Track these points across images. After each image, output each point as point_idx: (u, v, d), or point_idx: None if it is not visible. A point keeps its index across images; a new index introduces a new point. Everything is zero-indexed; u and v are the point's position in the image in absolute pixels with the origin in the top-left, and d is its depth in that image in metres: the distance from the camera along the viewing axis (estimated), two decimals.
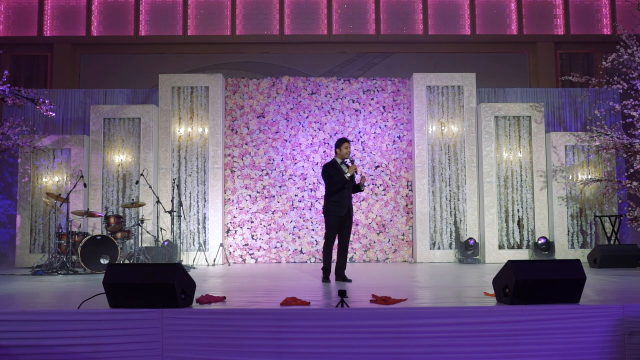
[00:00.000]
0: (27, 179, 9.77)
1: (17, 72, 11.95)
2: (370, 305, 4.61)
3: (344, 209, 6.49)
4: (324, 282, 6.53)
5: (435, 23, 12.30)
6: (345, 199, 6.50)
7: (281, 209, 10.11)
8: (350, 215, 6.59)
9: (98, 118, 9.90)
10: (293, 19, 12.24)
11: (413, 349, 4.22)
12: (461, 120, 10.01)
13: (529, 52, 12.40)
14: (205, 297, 4.86)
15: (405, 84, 10.47)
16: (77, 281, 6.95)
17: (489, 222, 9.64)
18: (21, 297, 5.55)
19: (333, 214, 6.51)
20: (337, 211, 6.48)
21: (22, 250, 9.61)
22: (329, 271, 6.64)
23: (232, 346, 4.22)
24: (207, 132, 9.98)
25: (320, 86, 10.43)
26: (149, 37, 12.21)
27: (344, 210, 6.49)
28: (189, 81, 10.13)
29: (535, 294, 4.44)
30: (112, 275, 4.42)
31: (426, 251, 9.71)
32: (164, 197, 9.58)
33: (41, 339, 4.19)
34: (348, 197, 6.54)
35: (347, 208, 6.52)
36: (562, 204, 9.67)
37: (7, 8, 12.17)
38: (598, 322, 4.34)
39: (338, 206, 6.48)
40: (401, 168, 10.25)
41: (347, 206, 6.51)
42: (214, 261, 9.52)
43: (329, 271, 6.64)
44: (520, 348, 4.26)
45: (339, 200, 6.48)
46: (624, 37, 9.17)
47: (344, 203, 6.48)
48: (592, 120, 10.21)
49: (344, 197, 6.50)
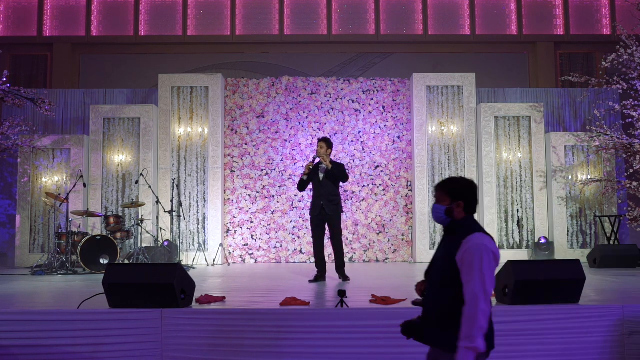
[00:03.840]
0: (26, 179, 9.76)
1: (17, 72, 11.94)
2: (370, 305, 4.61)
3: (316, 209, 6.62)
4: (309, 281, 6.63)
5: (435, 23, 12.30)
6: (316, 199, 6.64)
7: (281, 209, 10.11)
8: (329, 215, 6.57)
9: (98, 118, 9.89)
10: (293, 19, 12.24)
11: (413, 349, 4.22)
12: (461, 120, 10.01)
13: (528, 52, 12.40)
14: (205, 297, 4.86)
15: (405, 84, 10.47)
16: (77, 281, 6.95)
17: (488, 222, 9.64)
18: (21, 297, 5.55)
19: (310, 214, 6.75)
20: (311, 211, 6.71)
21: (22, 250, 9.60)
22: (318, 271, 6.67)
23: (231, 346, 4.22)
24: (206, 132, 9.97)
25: (320, 86, 10.43)
26: (149, 37, 12.20)
27: (317, 211, 6.61)
28: (188, 81, 10.13)
29: (535, 294, 4.44)
30: (112, 275, 4.42)
31: (426, 251, 9.71)
32: (163, 197, 9.58)
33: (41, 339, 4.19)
34: (320, 197, 6.59)
35: (320, 208, 6.57)
36: (562, 204, 9.67)
37: (6, 8, 12.16)
38: (598, 322, 4.34)
39: (312, 206, 6.71)
40: (401, 168, 10.24)
41: (319, 207, 6.59)
42: (214, 261, 9.51)
43: (318, 271, 6.67)
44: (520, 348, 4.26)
45: (313, 201, 6.72)
46: (623, 37, 9.17)
47: (315, 203, 6.65)
48: (592, 120, 10.21)
49: (316, 197, 6.66)
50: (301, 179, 6.74)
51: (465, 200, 2.68)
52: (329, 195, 6.58)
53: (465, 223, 2.67)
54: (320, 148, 6.63)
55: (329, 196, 6.58)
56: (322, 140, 6.69)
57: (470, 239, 2.57)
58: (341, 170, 6.68)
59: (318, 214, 6.60)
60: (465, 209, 2.69)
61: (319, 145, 6.65)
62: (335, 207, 6.60)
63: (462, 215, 2.70)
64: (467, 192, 2.71)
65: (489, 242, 2.57)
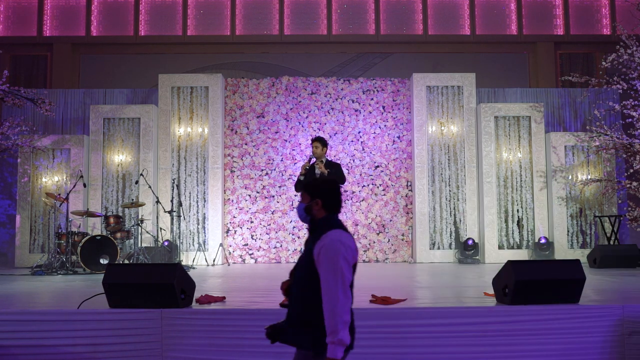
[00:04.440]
0: (26, 179, 9.76)
1: (17, 72, 11.94)
2: (370, 306, 4.61)
3: None
4: None
5: (435, 23, 12.30)
6: None
7: (281, 209, 10.11)
8: None
9: (98, 118, 9.89)
10: (293, 19, 12.24)
11: (413, 349, 4.22)
12: (461, 120, 10.01)
13: (528, 52, 12.40)
14: (204, 297, 4.85)
15: (405, 84, 10.47)
16: (77, 281, 6.95)
17: (488, 222, 9.64)
18: (21, 297, 5.55)
19: None
20: None
21: (22, 250, 9.60)
22: None
23: (231, 346, 4.22)
24: (206, 132, 9.97)
25: (320, 86, 10.43)
26: (149, 37, 12.20)
27: None
28: (188, 81, 10.13)
29: (535, 294, 4.44)
30: (112, 275, 4.42)
31: (426, 251, 9.71)
32: (163, 197, 9.58)
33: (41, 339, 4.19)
34: None
35: None
36: (562, 204, 9.67)
37: (6, 8, 12.16)
38: (598, 322, 4.34)
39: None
40: (401, 168, 10.24)
41: None
42: (214, 261, 9.51)
43: None
44: (520, 348, 4.26)
45: None
46: (623, 37, 9.17)
47: None
48: (592, 120, 10.21)
49: None
50: (298, 180, 6.70)
51: (323, 198, 2.73)
52: None
53: (325, 221, 2.71)
54: (315, 148, 6.54)
55: None
56: (316, 140, 6.59)
57: (326, 235, 2.61)
58: (338, 172, 6.58)
59: None
60: (325, 208, 2.74)
61: (314, 146, 6.56)
62: None
63: (322, 214, 2.74)
64: (324, 190, 2.76)
65: (345, 237, 2.61)
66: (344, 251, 2.55)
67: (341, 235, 2.60)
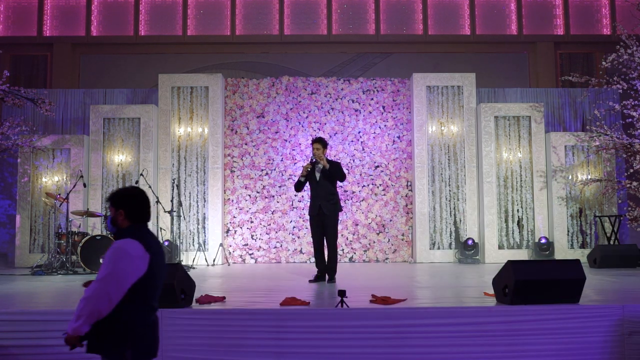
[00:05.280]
0: (26, 179, 9.76)
1: (17, 72, 11.94)
2: (370, 305, 4.61)
3: (314, 209, 6.65)
4: (309, 281, 6.63)
5: (435, 23, 12.30)
6: (314, 199, 6.67)
7: (281, 209, 10.11)
8: (326, 215, 6.57)
9: (98, 118, 9.89)
10: (293, 19, 12.24)
11: (413, 349, 4.22)
12: (461, 120, 10.01)
13: (528, 52, 12.40)
14: (205, 297, 4.86)
15: (405, 84, 10.47)
16: (77, 281, 6.94)
17: (488, 222, 9.64)
18: (21, 297, 5.55)
19: (309, 214, 6.81)
20: (310, 211, 6.75)
21: (22, 250, 9.60)
22: (318, 271, 6.67)
23: (231, 346, 4.22)
24: (206, 132, 9.97)
25: (320, 86, 10.43)
26: (149, 37, 12.20)
27: (315, 210, 6.63)
28: (188, 81, 10.13)
29: (535, 294, 4.44)
30: None
31: (426, 251, 9.71)
32: (163, 197, 9.58)
33: (41, 339, 4.19)
34: (318, 197, 6.61)
35: (318, 208, 6.59)
36: (562, 204, 9.67)
37: (6, 8, 12.16)
38: (598, 322, 4.34)
39: (310, 207, 6.76)
40: (401, 168, 10.24)
41: (317, 207, 6.60)
42: (214, 261, 9.51)
43: (318, 271, 6.67)
44: (520, 348, 4.26)
45: (311, 201, 6.75)
46: (623, 37, 9.16)
47: (313, 203, 6.68)
48: (592, 120, 10.20)
49: (314, 197, 6.69)
50: (298, 180, 6.75)
51: (126, 208, 2.76)
52: (327, 195, 6.59)
53: (127, 231, 2.75)
54: (316, 150, 6.61)
55: (326, 196, 6.58)
56: (316, 141, 6.68)
57: (116, 242, 2.68)
58: (338, 169, 6.68)
59: (316, 214, 6.60)
60: (129, 218, 2.76)
61: (315, 147, 6.63)
62: (333, 206, 6.60)
63: (126, 223, 2.76)
64: (127, 200, 2.79)
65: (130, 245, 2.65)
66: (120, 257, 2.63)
67: (127, 243, 2.66)
